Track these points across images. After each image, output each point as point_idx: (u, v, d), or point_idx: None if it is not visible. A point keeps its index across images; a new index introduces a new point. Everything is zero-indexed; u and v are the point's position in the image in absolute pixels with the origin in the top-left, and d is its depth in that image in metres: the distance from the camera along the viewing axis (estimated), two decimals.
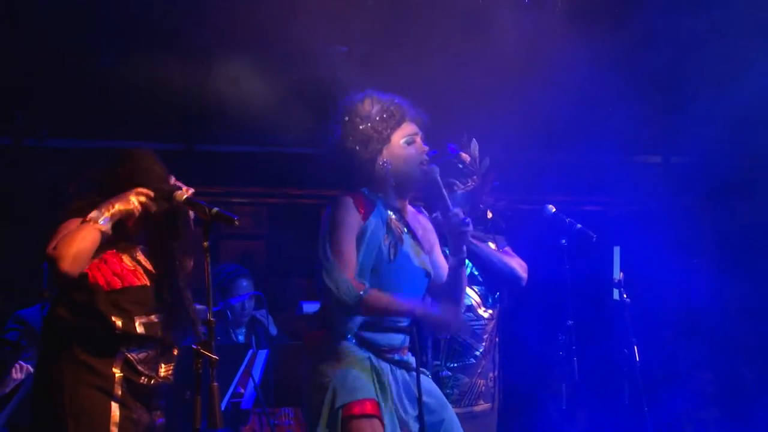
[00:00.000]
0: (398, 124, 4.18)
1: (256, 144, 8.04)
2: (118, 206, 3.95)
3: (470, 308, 5.05)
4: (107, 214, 3.92)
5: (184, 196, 3.95)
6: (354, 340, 4.08)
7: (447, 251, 4.34)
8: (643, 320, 5.90)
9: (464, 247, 4.20)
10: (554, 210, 5.55)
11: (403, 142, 4.17)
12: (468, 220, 4.20)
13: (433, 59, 6.60)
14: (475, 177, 5.15)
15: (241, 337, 6.53)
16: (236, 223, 3.84)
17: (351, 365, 4.03)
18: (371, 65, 6.80)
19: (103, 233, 3.91)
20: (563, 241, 5.53)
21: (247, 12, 6.73)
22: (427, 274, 4.24)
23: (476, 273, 5.11)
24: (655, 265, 7.67)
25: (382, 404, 4.01)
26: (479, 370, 5.04)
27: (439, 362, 4.90)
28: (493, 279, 5.13)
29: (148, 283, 4.05)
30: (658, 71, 7.33)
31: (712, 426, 7.84)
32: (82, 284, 3.92)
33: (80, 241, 3.86)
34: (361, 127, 4.14)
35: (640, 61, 7.16)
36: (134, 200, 3.97)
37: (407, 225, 4.26)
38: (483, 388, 5.06)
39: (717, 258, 8.52)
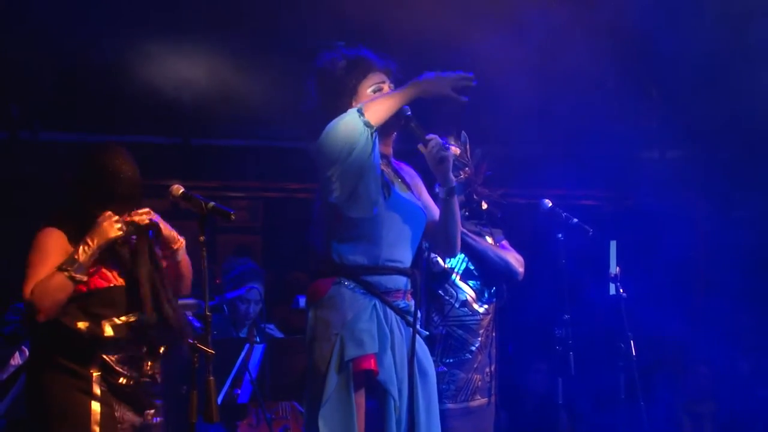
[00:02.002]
0: (364, 75, 4.20)
1: (253, 138, 8.03)
2: (97, 241, 3.94)
3: (465, 303, 5.04)
4: (84, 260, 3.92)
5: (180, 191, 3.95)
6: (359, 288, 4.06)
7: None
8: (639, 315, 5.90)
9: (450, 175, 4.19)
10: (551, 204, 5.53)
11: (370, 91, 4.18)
12: (448, 144, 4.20)
13: (429, 54, 6.58)
14: (467, 168, 5.14)
15: (242, 335, 6.49)
16: (232, 217, 3.87)
17: (358, 315, 4.00)
18: None
19: (77, 281, 3.92)
20: (560, 235, 5.51)
21: (244, 4, 6.72)
22: (423, 214, 4.25)
23: (471, 267, 5.09)
24: (651, 259, 7.67)
25: (382, 354, 3.99)
26: (475, 366, 5.03)
27: (434, 358, 4.80)
28: (489, 273, 5.11)
29: (122, 284, 4.03)
30: (655, 65, 7.31)
31: (709, 420, 7.84)
32: None
33: (55, 293, 3.89)
34: (328, 82, 4.17)
35: (637, 55, 7.15)
36: (112, 229, 3.97)
37: (395, 170, 4.29)
38: (479, 383, 5.04)
39: (713, 252, 8.51)
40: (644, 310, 6.54)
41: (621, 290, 5.74)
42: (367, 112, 3.96)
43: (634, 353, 5.70)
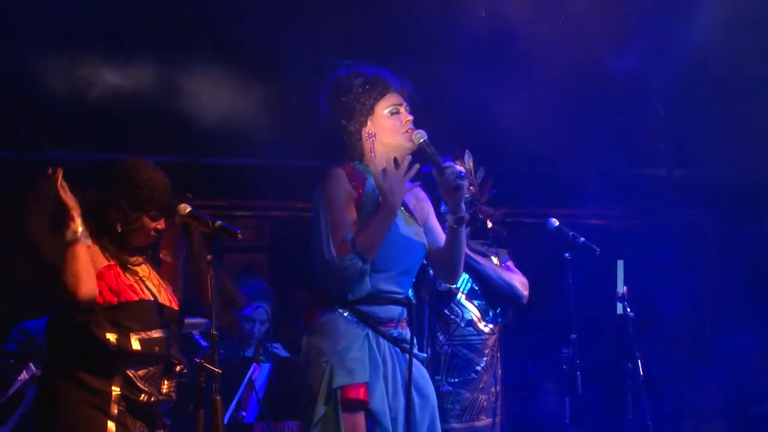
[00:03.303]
0: (381, 95, 4.18)
1: (260, 157, 8.01)
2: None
3: (470, 323, 5.03)
4: (79, 225, 3.87)
5: (187, 209, 3.94)
6: (353, 317, 4.05)
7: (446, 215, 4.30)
8: (646, 334, 5.88)
9: (462, 205, 4.17)
10: (557, 223, 5.52)
11: (387, 112, 4.17)
12: (464, 173, 4.18)
13: (436, 71, 6.59)
14: (471, 187, 5.11)
15: (248, 354, 6.48)
16: (239, 236, 3.86)
17: (349, 344, 4.00)
18: None
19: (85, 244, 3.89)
20: (566, 254, 5.50)
21: (250, 23, 6.73)
22: (423, 245, 4.21)
23: (476, 288, 5.07)
24: (659, 278, 7.63)
25: (374, 383, 3.99)
26: (481, 385, 5.02)
27: (439, 377, 4.88)
28: (493, 296, 5.10)
29: (150, 298, 4.01)
30: (662, 83, 7.30)
31: None
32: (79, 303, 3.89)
33: (73, 264, 3.83)
34: (344, 99, 4.15)
35: (644, 72, 7.14)
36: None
37: None
38: (485, 403, 5.03)
39: (721, 271, 8.48)
40: (652, 329, 6.53)
41: (628, 309, 5.71)
42: (365, 248, 3.96)
43: (641, 373, 5.67)
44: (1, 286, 7.02)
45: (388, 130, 4.17)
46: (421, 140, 4.13)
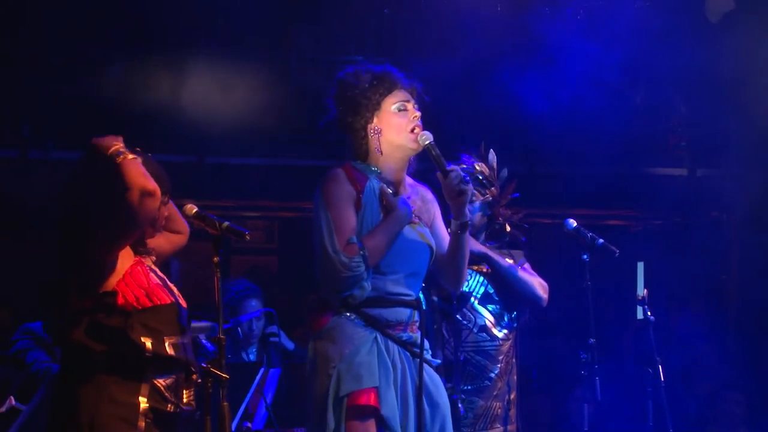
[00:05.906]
0: (389, 91, 4.10)
1: (268, 156, 7.98)
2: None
3: (484, 328, 4.97)
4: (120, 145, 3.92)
5: (194, 210, 3.89)
6: (360, 320, 3.97)
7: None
8: (668, 339, 5.79)
9: (465, 210, 4.09)
10: (575, 224, 5.42)
11: (394, 108, 4.08)
12: (468, 177, 4.10)
13: (450, 68, 6.56)
14: (493, 188, 5.07)
15: (252, 357, 6.40)
16: (247, 237, 3.82)
17: (356, 348, 3.93)
18: None
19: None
20: (585, 256, 5.40)
21: (259, 21, 6.71)
22: (429, 247, 4.13)
23: (491, 291, 5.02)
24: (680, 282, 7.57)
25: (385, 389, 3.92)
26: (495, 393, 4.95)
27: (452, 384, 4.79)
28: (511, 297, 5.03)
29: (174, 301, 3.93)
30: (684, 81, 7.25)
31: None
32: (111, 306, 3.79)
33: (132, 168, 3.88)
34: (350, 94, 4.09)
35: (666, 71, 7.10)
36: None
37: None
38: (499, 411, 4.96)
39: (745, 274, 8.41)
40: (673, 333, 6.46)
41: (649, 313, 5.63)
42: (371, 253, 3.92)
43: (662, 379, 5.58)
44: (2, 292, 7.02)
45: (394, 127, 4.09)
46: (427, 142, 4.06)
